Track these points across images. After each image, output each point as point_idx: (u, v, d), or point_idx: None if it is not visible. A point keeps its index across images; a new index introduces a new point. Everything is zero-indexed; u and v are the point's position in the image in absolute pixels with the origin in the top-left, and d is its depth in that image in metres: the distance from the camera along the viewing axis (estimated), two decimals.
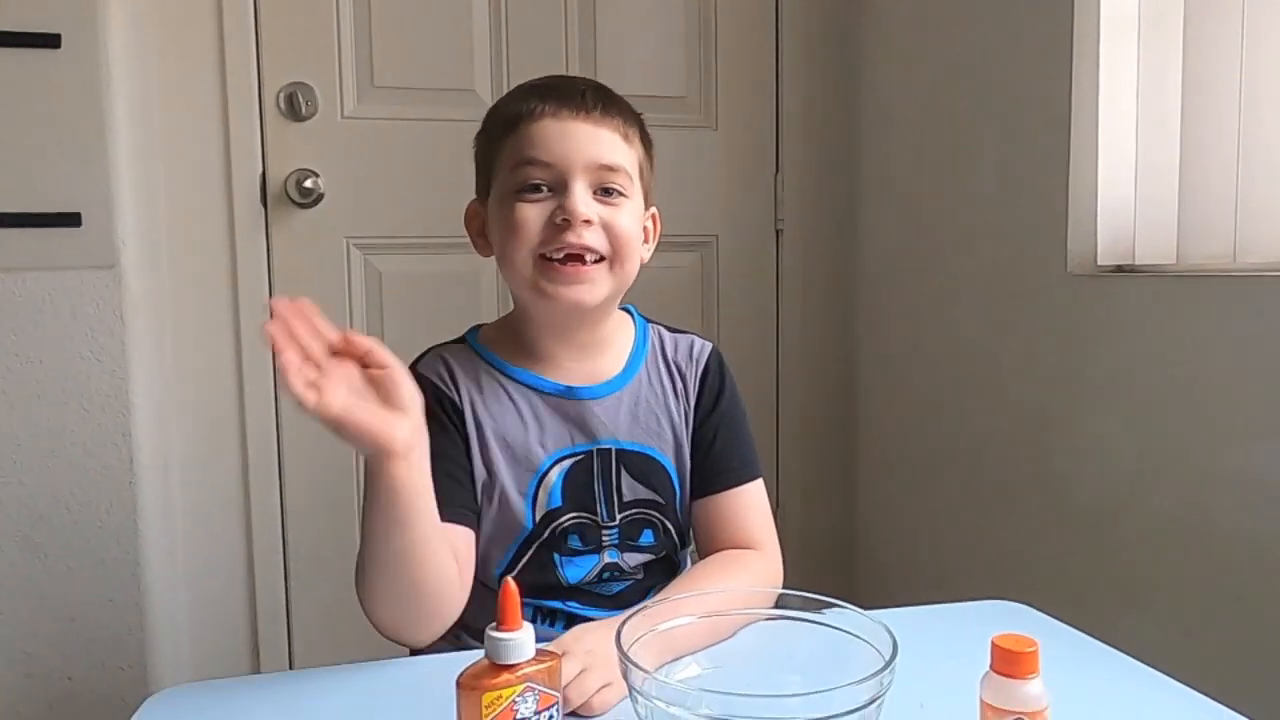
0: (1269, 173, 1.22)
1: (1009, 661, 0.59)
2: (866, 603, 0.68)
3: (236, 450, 1.84)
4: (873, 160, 2.05)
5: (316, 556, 1.89)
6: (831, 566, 2.17)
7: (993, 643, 0.60)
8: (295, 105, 1.80)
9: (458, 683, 0.55)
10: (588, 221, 0.87)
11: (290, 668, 1.89)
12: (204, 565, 1.82)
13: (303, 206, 1.83)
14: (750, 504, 0.97)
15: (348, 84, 1.85)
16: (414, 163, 1.88)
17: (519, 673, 0.55)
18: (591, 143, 0.88)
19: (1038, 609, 0.94)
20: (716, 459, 0.96)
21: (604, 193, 0.89)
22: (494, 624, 0.56)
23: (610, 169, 0.89)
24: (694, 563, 1.00)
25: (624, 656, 0.60)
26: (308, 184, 1.80)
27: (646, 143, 0.96)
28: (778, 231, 2.12)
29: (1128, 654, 0.84)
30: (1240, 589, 1.21)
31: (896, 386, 2.00)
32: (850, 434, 2.17)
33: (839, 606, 0.68)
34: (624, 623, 0.64)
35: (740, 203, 2.09)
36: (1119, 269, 1.43)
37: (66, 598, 1.54)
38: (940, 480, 1.84)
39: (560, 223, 0.87)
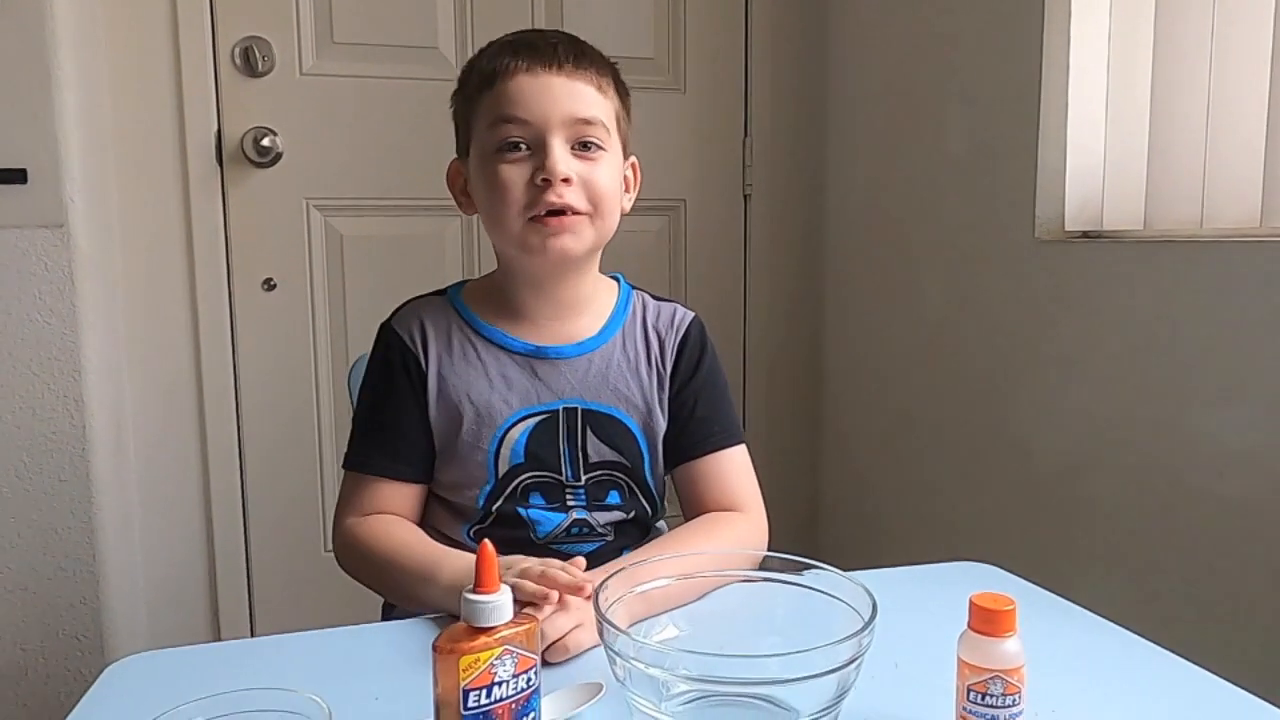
0: (1237, 139, 1.23)
1: (987, 620, 0.60)
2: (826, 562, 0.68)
3: (194, 414, 1.80)
4: (841, 125, 2.04)
5: (277, 522, 1.86)
6: (795, 531, 2.19)
7: (971, 601, 0.60)
8: (251, 60, 1.74)
9: (434, 646, 0.53)
10: (567, 180, 0.87)
11: (251, 632, 1.87)
12: (161, 533, 1.79)
13: (260, 166, 1.77)
14: (734, 467, 0.97)
15: (306, 39, 1.79)
16: (376, 122, 1.84)
17: (497, 635, 0.54)
18: (567, 97, 0.88)
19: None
20: (699, 425, 0.97)
21: (582, 147, 0.89)
22: (470, 587, 0.54)
23: (587, 122, 0.89)
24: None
25: (602, 618, 0.59)
26: (265, 142, 1.75)
27: (623, 92, 0.96)
28: (746, 196, 2.11)
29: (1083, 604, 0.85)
30: (1203, 550, 1.23)
31: (863, 350, 2.01)
32: (816, 398, 2.18)
33: (818, 568, 0.67)
34: (602, 584, 0.63)
35: (708, 167, 2.08)
36: (1087, 234, 1.44)
37: (18, 567, 1.50)
38: (905, 444, 1.86)
39: (541, 183, 0.87)
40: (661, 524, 1.03)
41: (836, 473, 2.13)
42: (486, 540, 0.55)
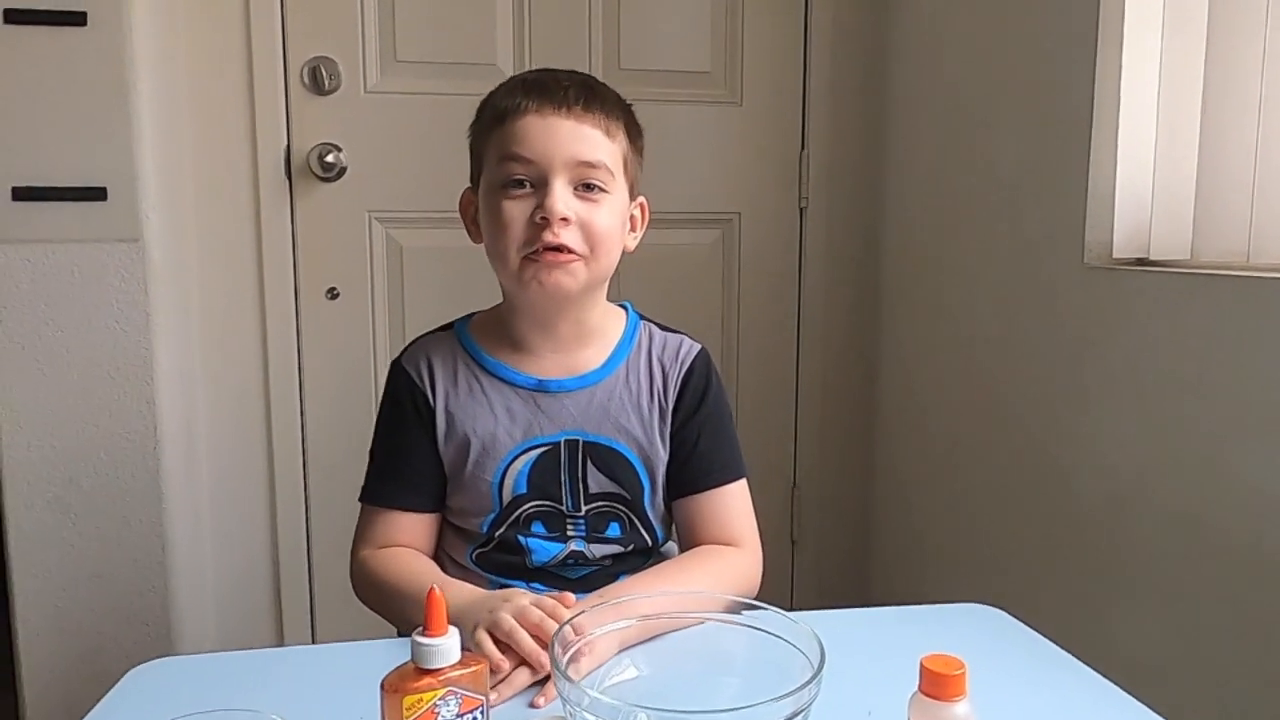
0: None
1: (936, 684, 0.60)
2: (876, 587, 0.69)
3: (261, 419, 1.89)
4: (898, 142, 2.00)
5: (339, 522, 1.93)
6: (846, 545, 2.17)
7: (921, 664, 0.61)
8: (319, 79, 1.82)
9: (381, 685, 0.56)
10: (565, 220, 0.89)
11: (312, 628, 1.96)
12: (229, 529, 1.89)
13: (326, 180, 1.85)
14: (733, 503, 0.98)
15: (370, 58, 1.86)
16: (436, 137, 1.89)
17: (442, 677, 0.57)
18: (572, 140, 0.90)
19: (1035, 605, 0.93)
20: (701, 459, 0.98)
21: (585, 188, 0.91)
22: (419, 629, 0.57)
23: (591, 165, 0.91)
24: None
25: (557, 669, 0.61)
26: (330, 158, 1.83)
27: (633, 134, 0.97)
28: (802, 209, 2.10)
29: (1123, 649, 0.83)
30: (1240, 588, 1.19)
31: (914, 369, 1.98)
32: (869, 415, 2.15)
33: (772, 612, 0.68)
34: (560, 629, 0.65)
35: (764, 180, 2.07)
36: (1136, 262, 1.39)
37: (94, 556, 1.61)
38: (953, 467, 1.82)
39: (539, 221, 0.89)
40: (670, 545, 1.05)
41: (887, 491, 2.10)
42: (434, 586, 0.58)
